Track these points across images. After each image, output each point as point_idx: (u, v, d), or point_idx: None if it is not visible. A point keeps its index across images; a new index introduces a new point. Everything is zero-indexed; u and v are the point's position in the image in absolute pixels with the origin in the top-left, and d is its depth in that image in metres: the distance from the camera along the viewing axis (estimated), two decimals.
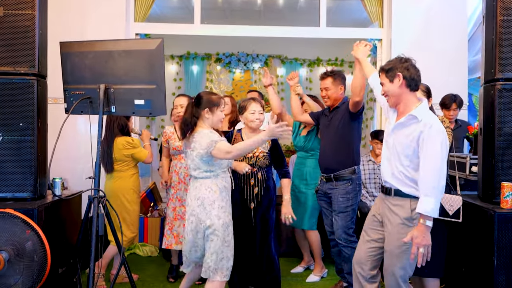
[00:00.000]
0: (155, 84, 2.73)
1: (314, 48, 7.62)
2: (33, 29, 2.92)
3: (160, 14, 6.57)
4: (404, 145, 2.45)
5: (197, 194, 2.75)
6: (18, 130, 2.92)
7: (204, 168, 2.75)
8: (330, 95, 3.42)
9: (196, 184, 2.79)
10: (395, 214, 2.49)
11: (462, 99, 4.20)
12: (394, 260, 2.49)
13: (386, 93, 2.55)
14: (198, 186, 2.77)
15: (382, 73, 2.57)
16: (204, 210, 2.73)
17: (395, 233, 2.47)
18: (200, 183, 2.77)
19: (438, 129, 2.39)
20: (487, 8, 3.00)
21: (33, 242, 2.56)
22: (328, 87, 3.43)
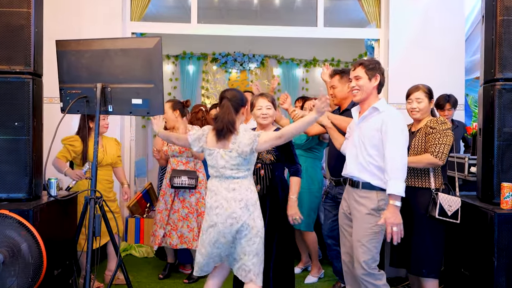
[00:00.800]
0: (153, 83, 2.70)
1: (311, 48, 7.61)
2: (29, 27, 2.87)
3: (156, 14, 6.54)
4: (370, 136, 2.67)
5: (238, 196, 2.61)
6: (13, 129, 2.86)
7: (244, 166, 2.63)
8: (337, 94, 3.38)
9: (233, 186, 2.63)
10: (362, 205, 2.69)
11: (456, 99, 4.19)
12: (362, 249, 2.65)
13: (361, 88, 2.74)
14: (237, 187, 2.62)
15: (362, 67, 2.74)
16: (248, 212, 2.61)
17: (363, 222, 2.68)
18: (239, 184, 2.63)
19: (397, 118, 2.65)
20: (486, 8, 2.99)
21: (29, 243, 2.52)
22: (335, 85, 3.38)
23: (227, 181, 2.64)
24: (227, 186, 2.63)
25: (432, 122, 2.96)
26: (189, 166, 3.85)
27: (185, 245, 3.77)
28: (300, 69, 7.90)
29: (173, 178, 3.72)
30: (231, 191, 2.62)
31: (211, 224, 2.63)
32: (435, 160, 2.83)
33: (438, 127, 2.89)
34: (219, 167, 2.64)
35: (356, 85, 2.74)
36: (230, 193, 2.62)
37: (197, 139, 2.75)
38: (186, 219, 3.79)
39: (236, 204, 2.59)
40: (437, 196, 2.85)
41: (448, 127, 2.91)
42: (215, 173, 2.68)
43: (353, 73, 2.77)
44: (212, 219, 2.62)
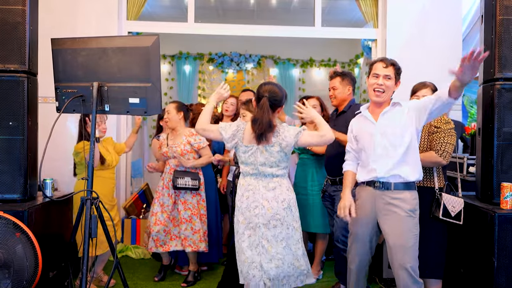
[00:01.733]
0: (151, 82, 2.66)
1: (307, 48, 7.62)
2: (24, 25, 2.83)
3: (152, 13, 6.50)
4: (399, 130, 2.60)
5: (280, 196, 2.52)
6: (8, 129, 2.83)
7: (284, 163, 2.56)
8: (337, 95, 3.36)
9: (273, 184, 2.54)
10: (398, 207, 2.59)
11: None
12: (406, 254, 2.55)
13: (387, 88, 2.65)
14: (277, 186, 2.54)
15: (393, 68, 2.66)
16: (291, 213, 2.53)
17: (403, 226, 2.57)
18: (279, 183, 2.55)
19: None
20: (486, 8, 2.98)
21: (24, 245, 2.48)
22: (336, 86, 3.37)
23: (265, 180, 2.54)
24: (266, 184, 2.54)
25: (436, 122, 2.93)
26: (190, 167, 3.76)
27: (189, 248, 3.68)
28: (297, 69, 7.90)
29: (176, 179, 3.63)
30: (271, 190, 2.53)
31: (250, 226, 2.51)
32: (440, 159, 2.82)
33: (443, 127, 2.87)
34: (258, 164, 2.53)
35: (384, 85, 2.63)
36: (270, 192, 2.52)
37: (232, 135, 2.61)
38: (190, 221, 3.71)
39: (279, 205, 2.50)
40: (441, 196, 2.83)
41: (452, 126, 2.89)
42: (252, 170, 2.56)
43: (384, 71, 2.63)
44: (252, 221, 2.50)
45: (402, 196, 2.61)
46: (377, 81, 2.64)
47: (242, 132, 2.59)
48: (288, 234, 2.51)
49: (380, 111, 2.68)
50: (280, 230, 2.49)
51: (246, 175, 2.60)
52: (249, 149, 2.55)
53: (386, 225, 2.63)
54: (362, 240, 2.75)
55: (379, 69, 2.65)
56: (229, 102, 4.49)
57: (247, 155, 2.56)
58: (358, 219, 2.73)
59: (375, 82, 2.65)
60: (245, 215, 2.53)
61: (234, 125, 2.64)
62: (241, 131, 2.59)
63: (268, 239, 2.48)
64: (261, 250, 2.49)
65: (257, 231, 2.49)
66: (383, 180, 2.64)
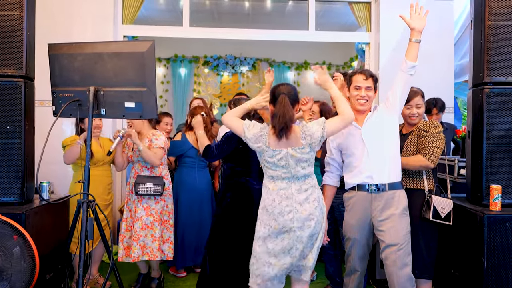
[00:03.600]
0: (146, 86, 2.70)
1: (302, 51, 7.68)
2: (21, 30, 2.86)
3: (147, 17, 6.53)
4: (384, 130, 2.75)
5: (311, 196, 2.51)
6: (5, 133, 2.86)
7: (313, 160, 2.54)
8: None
9: (305, 186, 2.51)
10: (393, 206, 2.71)
11: (443, 103, 4.23)
12: (402, 251, 2.65)
13: (370, 99, 2.80)
14: (309, 187, 2.52)
15: (372, 79, 2.80)
16: (321, 210, 2.53)
17: (399, 224, 2.68)
18: (311, 184, 2.53)
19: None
20: (475, 13, 3.03)
21: (21, 247, 2.51)
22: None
23: (298, 182, 2.52)
24: (299, 187, 2.51)
25: (424, 125, 2.99)
26: (154, 172, 3.66)
27: (146, 256, 3.53)
28: (292, 72, 7.97)
29: (137, 185, 3.51)
30: (303, 192, 2.51)
31: (284, 230, 2.47)
32: (427, 163, 2.87)
33: (432, 130, 2.93)
34: (291, 168, 2.49)
35: (366, 96, 2.77)
36: (303, 194, 2.50)
37: (255, 138, 2.54)
38: (151, 228, 3.57)
39: (310, 205, 2.49)
40: (430, 198, 2.89)
41: (440, 130, 2.95)
42: (285, 174, 2.51)
43: (365, 83, 2.76)
44: (286, 225, 2.46)
45: (396, 195, 2.73)
46: (359, 93, 2.79)
47: (266, 137, 2.52)
48: (316, 231, 2.51)
49: (363, 117, 2.81)
50: (313, 229, 2.49)
51: (277, 179, 2.53)
52: (277, 153, 2.49)
53: (383, 225, 2.70)
54: (361, 245, 2.82)
55: (360, 82, 2.79)
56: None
57: (276, 159, 2.50)
58: (354, 224, 2.80)
59: (357, 94, 2.79)
60: (278, 221, 2.47)
61: (257, 126, 2.57)
62: (265, 135, 2.53)
63: (302, 241, 2.48)
64: (294, 252, 2.48)
65: (291, 235, 2.47)
66: (377, 182, 2.72)
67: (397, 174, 2.78)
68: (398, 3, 4.86)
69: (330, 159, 2.94)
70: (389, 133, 2.78)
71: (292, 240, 2.47)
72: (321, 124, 2.51)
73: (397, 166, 2.80)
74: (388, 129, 2.78)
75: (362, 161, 2.75)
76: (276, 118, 2.46)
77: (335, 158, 2.91)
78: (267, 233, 2.50)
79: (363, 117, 2.81)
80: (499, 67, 2.92)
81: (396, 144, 2.80)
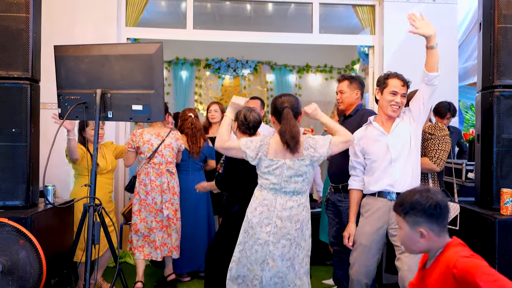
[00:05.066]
0: (154, 89, 2.67)
1: (303, 54, 7.66)
2: (27, 32, 2.83)
3: (150, 20, 6.50)
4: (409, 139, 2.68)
5: (295, 216, 2.45)
6: (11, 136, 2.82)
7: (310, 177, 2.50)
8: (344, 99, 3.29)
9: (291, 203, 2.46)
10: None
11: (455, 107, 4.24)
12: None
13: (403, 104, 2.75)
14: (295, 206, 2.46)
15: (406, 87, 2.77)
16: (302, 232, 2.48)
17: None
18: (297, 202, 2.47)
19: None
20: (484, 16, 3.02)
21: (27, 252, 2.47)
22: (343, 90, 3.29)
23: (284, 197, 2.46)
24: (283, 202, 2.45)
25: (430, 128, 2.98)
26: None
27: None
28: (293, 75, 7.94)
29: None
30: (287, 209, 2.44)
31: (259, 242, 2.44)
32: (433, 166, 2.85)
33: (437, 133, 2.92)
34: (283, 180, 2.45)
35: (401, 102, 2.73)
36: (286, 211, 2.44)
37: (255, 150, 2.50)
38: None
39: (292, 225, 2.43)
40: None
41: (446, 133, 2.93)
42: (274, 186, 2.46)
43: (402, 89, 2.72)
44: (261, 236, 2.43)
45: None
46: (395, 99, 2.72)
47: (266, 146, 2.49)
48: (294, 254, 2.46)
49: (391, 123, 2.75)
50: (288, 249, 2.43)
51: (264, 189, 2.50)
52: (274, 163, 2.46)
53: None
54: (371, 251, 2.73)
55: (397, 87, 2.72)
56: (213, 109, 4.46)
57: (271, 169, 2.46)
58: (369, 231, 2.73)
59: (393, 99, 2.72)
60: (255, 230, 2.45)
61: (257, 140, 2.54)
62: (265, 145, 2.49)
63: (274, 258, 2.43)
64: (265, 267, 2.44)
65: (265, 249, 2.43)
66: (398, 191, 2.65)
67: (417, 183, 2.72)
68: (402, 6, 4.88)
69: (355, 162, 2.88)
70: (414, 142, 2.71)
71: (265, 254, 2.43)
72: (328, 143, 2.50)
73: (418, 176, 2.75)
74: (412, 138, 2.71)
75: (384, 168, 2.71)
76: (286, 135, 2.43)
77: (361, 161, 2.85)
78: (245, 239, 2.49)
79: (391, 124, 2.76)
80: (509, 70, 2.90)
81: (418, 154, 2.75)
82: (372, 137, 2.77)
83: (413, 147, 2.71)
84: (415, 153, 2.72)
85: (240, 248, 2.54)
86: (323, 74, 8.01)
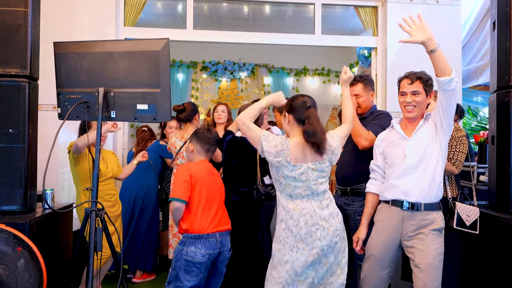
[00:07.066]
0: (160, 87, 2.54)
1: (301, 57, 7.58)
2: (26, 27, 2.70)
3: (146, 21, 6.38)
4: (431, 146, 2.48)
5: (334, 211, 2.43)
6: (8, 137, 2.68)
7: (328, 175, 2.46)
8: (362, 103, 3.07)
9: (326, 202, 2.42)
10: (427, 228, 2.47)
11: (463, 109, 4.16)
12: (436, 273, 2.43)
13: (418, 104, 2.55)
14: (329, 203, 2.43)
15: (420, 82, 2.54)
16: (343, 224, 2.46)
17: (432, 245, 2.44)
18: (330, 199, 2.44)
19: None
20: (499, 14, 2.94)
21: (26, 259, 2.32)
22: (360, 93, 3.05)
23: (318, 198, 2.40)
24: (319, 204, 2.40)
25: None
26: None
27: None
28: (291, 78, 7.86)
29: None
30: (325, 208, 2.40)
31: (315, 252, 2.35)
32: (452, 168, 2.76)
33: (454, 134, 2.83)
34: (312, 184, 2.38)
35: (414, 101, 2.53)
36: (325, 210, 2.40)
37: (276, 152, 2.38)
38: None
39: (335, 220, 2.40)
40: (454, 206, 2.76)
41: (463, 134, 2.85)
42: (304, 192, 2.38)
43: (410, 87, 2.54)
44: (315, 245, 2.35)
45: (431, 217, 2.48)
46: (405, 99, 2.56)
47: (287, 151, 2.36)
48: (341, 246, 2.43)
49: (413, 127, 2.56)
50: (339, 244, 2.41)
51: (296, 198, 2.39)
52: (297, 168, 2.36)
53: (414, 244, 2.48)
54: (382, 263, 2.57)
55: (405, 87, 2.56)
56: (220, 109, 4.38)
57: (296, 175, 2.36)
58: (381, 241, 2.57)
59: (403, 101, 2.58)
60: (306, 242, 2.35)
61: (277, 139, 2.41)
62: (287, 150, 2.37)
63: (326, 255, 2.38)
64: (318, 268, 2.38)
65: (320, 254, 2.36)
66: (413, 201, 2.49)
67: (437, 194, 2.51)
68: (405, 7, 4.82)
69: (375, 165, 2.72)
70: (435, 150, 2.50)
71: (320, 257, 2.36)
72: (338, 140, 2.46)
73: (439, 186, 2.52)
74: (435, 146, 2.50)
75: (400, 174, 2.52)
76: (314, 136, 2.32)
77: (380, 165, 2.69)
78: (295, 256, 2.35)
79: (414, 127, 2.57)
80: None
81: (442, 164, 2.52)
82: (393, 141, 2.62)
83: (433, 155, 2.50)
84: (436, 161, 2.50)
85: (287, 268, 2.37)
86: (321, 77, 7.93)
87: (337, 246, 2.41)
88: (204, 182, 2.74)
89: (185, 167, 2.81)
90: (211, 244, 2.66)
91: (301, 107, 2.41)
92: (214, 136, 2.91)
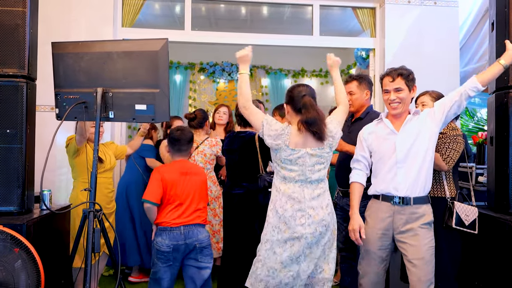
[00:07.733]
0: (159, 88, 2.54)
1: (299, 59, 7.57)
2: (24, 27, 2.68)
3: (143, 21, 6.36)
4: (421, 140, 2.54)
5: (324, 202, 2.44)
6: (5, 137, 2.65)
7: (327, 163, 2.48)
8: (354, 101, 3.12)
9: (318, 191, 2.43)
10: (418, 221, 2.53)
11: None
12: (429, 267, 2.50)
13: (402, 100, 2.59)
14: (321, 192, 2.45)
15: (401, 78, 2.58)
16: (333, 217, 2.50)
17: (423, 240, 2.51)
18: (323, 188, 2.46)
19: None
20: (497, 15, 2.95)
21: (23, 261, 2.30)
22: (353, 91, 3.13)
23: (311, 186, 2.43)
24: (311, 192, 2.42)
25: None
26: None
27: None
28: (289, 80, 7.85)
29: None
30: (315, 197, 2.43)
31: (295, 236, 2.39)
32: (442, 163, 2.77)
33: (449, 133, 2.84)
34: (307, 170, 2.41)
35: (397, 98, 2.57)
36: (315, 200, 2.42)
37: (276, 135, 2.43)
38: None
39: (323, 211, 2.43)
40: (453, 205, 2.77)
41: (459, 133, 2.85)
42: (299, 177, 2.42)
43: (392, 85, 2.58)
44: (297, 230, 2.38)
45: (421, 211, 2.54)
46: (388, 97, 2.61)
47: (287, 136, 2.42)
48: (328, 239, 2.46)
49: (400, 121, 2.61)
50: (324, 236, 2.43)
51: (290, 181, 2.44)
52: (295, 153, 2.40)
53: (406, 240, 2.53)
54: (379, 258, 2.63)
55: (387, 85, 2.62)
56: (222, 111, 4.53)
57: (294, 159, 2.41)
58: (374, 237, 2.61)
59: (387, 98, 2.62)
60: (289, 224, 2.39)
61: (278, 125, 2.47)
62: (287, 135, 2.43)
63: (311, 247, 2.41)
64: (302, 259, 2.41)
65: (302, 242, 2.39)
66: (402, 195, 2.54)
67: (425, 188, 2.57)
68: (403, 9, 4.82)
69: (361, 156, 2.72)
70: (426, 144, 2.55)
71: (302, 247, 2.39)
72: (336, 125, 2.50)
73: (427, 180, 2.58)
74: (425, 139, 2.55)
75: (389, 169, 2.57)
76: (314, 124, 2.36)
77: (366, 156, 2.71)
78: (275, 236, 2.42)
79: (401, 121, 2.62)
80: None
81: (430, 157, 2.57)
82: (382, 135, 2.64)
83: (423, 149, 2.54)
84: (425, 155, 2.55)
85: (267, 247, 2.45)
86: (319, 79, 7.93)
87: (324, 239, 2.42)
88: (175, 183, 2.90)
89: (157, 170, 2.95)
90: (175, 236, 2.84)
91: (297, 97, 2.45)
92: (186, 136, 3.03)
